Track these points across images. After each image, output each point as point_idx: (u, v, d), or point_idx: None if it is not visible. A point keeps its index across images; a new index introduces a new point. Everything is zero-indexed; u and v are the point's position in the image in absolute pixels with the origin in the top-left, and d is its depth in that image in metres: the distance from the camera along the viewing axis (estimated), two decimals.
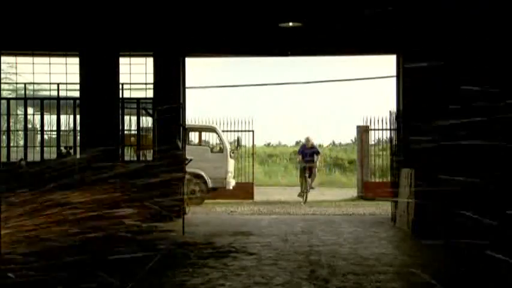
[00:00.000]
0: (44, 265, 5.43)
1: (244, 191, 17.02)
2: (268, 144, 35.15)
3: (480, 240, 6.00)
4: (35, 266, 5.35)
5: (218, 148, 16.65)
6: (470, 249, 6.83)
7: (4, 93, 12.31)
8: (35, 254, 5.67)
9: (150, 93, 11.67)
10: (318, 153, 17.62)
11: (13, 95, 12.67)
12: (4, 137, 11.99)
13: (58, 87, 11.79)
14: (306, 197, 16.42)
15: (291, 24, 10.83)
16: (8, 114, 11.59)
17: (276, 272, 6.12)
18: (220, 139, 16.68)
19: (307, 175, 16.74)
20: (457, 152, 7.80)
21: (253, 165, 18.05)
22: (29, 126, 14.22)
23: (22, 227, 6.02)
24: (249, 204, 15.78)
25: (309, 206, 15.05)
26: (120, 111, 11.53)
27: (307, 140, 17.45)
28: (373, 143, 18.45)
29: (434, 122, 8.13)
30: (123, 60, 11.59)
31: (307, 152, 17.17)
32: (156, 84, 11.49)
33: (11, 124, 11.86)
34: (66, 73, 11.75)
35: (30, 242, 5.98)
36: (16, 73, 12.30)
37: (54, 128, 12.19)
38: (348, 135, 36.65)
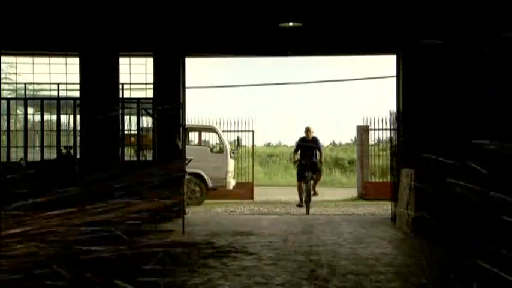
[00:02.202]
0: (43, 264, 5.43)
1: (244, 191, 17.04)
2: (268, 144, 35.19)
3: (480, 240, 6.00)
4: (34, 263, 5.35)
5: (218, 148, 16.65)
6: (470, 250, 6.83)
7: (4, 93, 12.31)
8: (34, 254, 5.67)
9: (150, 93, 11.67)
10: (319, 148, 13.79)
11: (13, 95, 12.67)
12: (4, 137, 11.99)
13: (58, 87, 11.79)
14: (309, 207, 13.07)
15: (291, 24, 10.83)
16: (8, 114, 11.58)
17: (276, 272, 6.12)
18: (220, 139, 16.68)
19: (308, 177, 13.16)
20: (457, 151, 7.78)
21: (253, 165, 18.05)
22: (29, 126, 14.22)
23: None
24: (249, 204, 15.77)
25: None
26: (120, 111, 11.53)
27: (308, 130, 13.65)
28: (373, 143, 18.47)
29: (434, 122, 8.15)
30: (123, 60, 11.59)
31: (307, 147, 13.52)
32: (156, 84, 11.49)
33: (11, 124, 11.86)
34: (66, 73, 11.76)
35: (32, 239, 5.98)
36: (16, 73, 12.30)
37: (54, 128, 12.19)
38: (348, 135, 36.72)
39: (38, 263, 5.31)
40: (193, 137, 17.87)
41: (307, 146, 13.45)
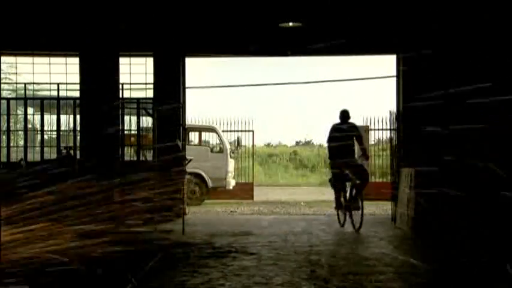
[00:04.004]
0: (43, 266, 5.44)
1: (244, 191, 17.03)
2: (268, 144, 35.19)
3: (479, 239, 6.01)
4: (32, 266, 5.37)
5: (218, 148, 16.66)
6: (470, 249, 6.83)
7: (4, 93, 12.31)
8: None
9: (150, 93, 11.67)
10: (359, 136, 9.95)
11: (13, 95, 12.67)
12: (4, 137, 11.99)
13: (58, 87, 11.80)
14: (357, 220, 9.46)
15: (291, 24, 10.83)
16: (8, 114, 11.59)
17: (276, 272, 6.12)
18: (220, 139, 16.68)
19: (347, 174, 9.61)
20: (458, 152, 7.80)
21: (253, 165, 18.04)
22: (29, 126, 14.21)
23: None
24: (249, 204, 15.77)
25: (309, 206, 15.03)
26: (120, 111, 11.53)
27: (344, 115, 9.86)
28: (373, 143, 18.46)
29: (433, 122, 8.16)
30: (123, 60, 11.59)
31: (344, 138, 9.52)
32: (156, 84, 11.49)
33: (11, 124, 11.86)
34: (66, 73, 11.76)
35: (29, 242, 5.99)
36: (16, 73, 12.31)
37: (54, 128, 12.19)
38: None
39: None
40: (193, 137, 17.88)
41: (344, 136, 9.45)
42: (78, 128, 11.50)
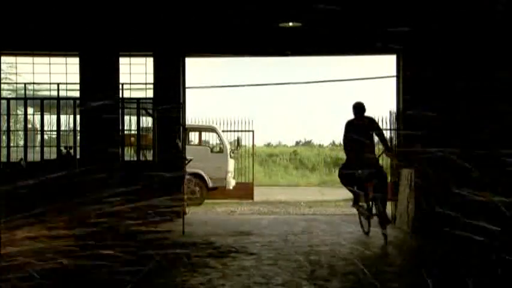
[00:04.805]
0: (44, 264, 5.44)
1: (244, 191, 17.02)
2: (268, 144, 35.22)
3: (480, 240, 5.99)
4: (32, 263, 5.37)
5: (218, 148, 16.65)
6: (470, 249, 6.83)
7: (4, 93, 12.30)
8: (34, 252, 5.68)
9: (150, 93, 11.67)
10: (380, 131, 9.18)
11: (13, 95, 12.66)
12: (4, 137, 11.99)
13: (58, 87, 11.80)
14: (384, 236, 8.17)
15: (290, 24, 10.84)
16: (8, 114, 11.59)
17: (276, 272, 6.12)
18: (220, 139, 16.68)
19: (365, 173, 8.34)
20: (457, 151, 7.79)
21: (253, 165, 18.04)
22: (29, 126, 14.21)
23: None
24: (249, 204, 15.77)
25: (309, 206, 15.04)
26: (120, 111, 11.53)
27: (358, 108, 8.73)
28: None
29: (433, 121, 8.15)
30: (123, 60, 11.59)
31: (360, 133, 8.46)
32: (156, 84, 11.49)
33: (11, 124, 11.86)
34: (66, 73, 11.76)
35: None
36: (16, 73, 12.30)
37: (54, 128, 12.19)
38: None
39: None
40: (193, 137, 17.87)
41: (360, 131, 8.43)
42: (78, 128, 11.50)
